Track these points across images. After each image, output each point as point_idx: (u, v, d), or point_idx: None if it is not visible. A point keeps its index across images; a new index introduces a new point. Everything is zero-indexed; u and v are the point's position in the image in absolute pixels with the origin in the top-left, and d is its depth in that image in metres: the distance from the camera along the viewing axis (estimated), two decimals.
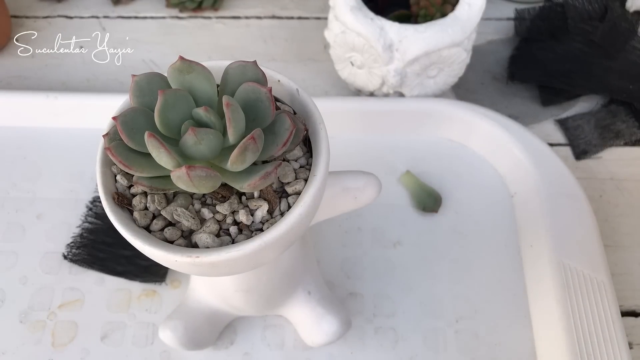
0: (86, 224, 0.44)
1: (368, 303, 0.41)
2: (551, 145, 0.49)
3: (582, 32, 0.52)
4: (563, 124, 0.50)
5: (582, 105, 0.52)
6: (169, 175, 0.22)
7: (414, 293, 0.42)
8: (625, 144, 0.49)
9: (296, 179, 0.24)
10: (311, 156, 0.25)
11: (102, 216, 0.44)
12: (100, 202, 0.44)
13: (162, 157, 0.21)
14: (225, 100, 0.21)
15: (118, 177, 0.24)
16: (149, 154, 0.22)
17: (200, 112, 0.22)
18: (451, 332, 0.40)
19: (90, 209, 0.44)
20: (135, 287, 0.41)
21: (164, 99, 0.21)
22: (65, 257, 0.42)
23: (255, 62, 0.24)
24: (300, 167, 0.25)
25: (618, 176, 0.48)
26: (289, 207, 0.24)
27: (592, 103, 0.52)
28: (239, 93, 0.23)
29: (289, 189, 0.24)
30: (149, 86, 0.23)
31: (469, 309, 0.41)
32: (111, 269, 0.42)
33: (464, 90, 0.52)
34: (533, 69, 0.52)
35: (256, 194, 0.24)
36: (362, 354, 0.39)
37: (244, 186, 0.22)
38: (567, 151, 0.49)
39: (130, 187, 0.24)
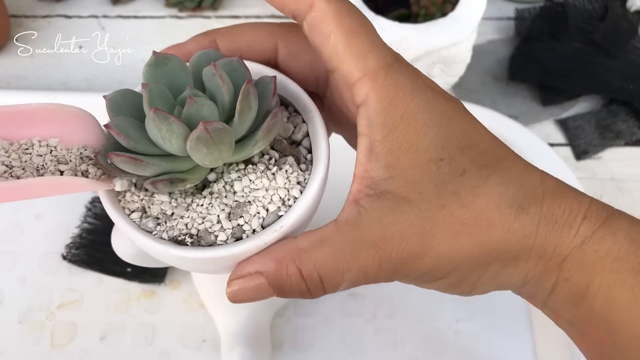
0: (85, 225, 0.43)
1: (368, 304, 0.41)
2: (552, 145, 0.49)
3: (582, 32, 0.52)
4: (563, 123, 0.50)
5: (583, 105, 0.52)
6: (180, 169, 0.22)
7: (414, 294, 0.41)
8: (626, 144, 0.49)
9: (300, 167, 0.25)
10: (309, 152, 0.25)
11: (101, 216, 0.44)
12: (99, 202, 0.44)
13: (173, 127, 0.21)
14: (213, 63, 0.22)
15: None
16: (146, 154, 0.22)
17: (187, 92, 0.22)
18: (451, 333, 0.40)
19: (90, 209, 0.44)
20: (134, 288, 0.41)
21: (149, 90, 0.21)
22: (64, 257, 0.42)
23: (213, 49, 0.25)
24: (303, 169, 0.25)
25: (618, 176, 0.48)
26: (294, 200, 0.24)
27: (593, 103, 0.52)
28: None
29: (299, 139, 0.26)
30: (124, 100, 0.23)
31: (469, 310, 0.41)
32: (110, 270, 0.41)
33: (464, 89, 0.52)
34: (533, 68, 0.52)
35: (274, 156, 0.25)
36: (362, 354, 0.39)
37: (258, 136, 0.22)
38: (568, 151, 0.49)
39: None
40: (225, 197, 0.24)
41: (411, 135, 0.21)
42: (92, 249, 0.42)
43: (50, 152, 0.22)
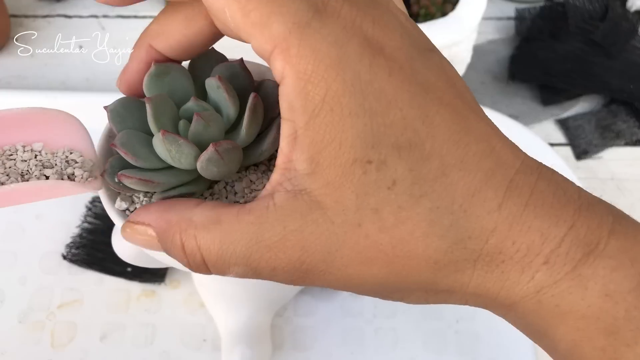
0: (85, 224, 0.43)
1: (368, 304, 0.41)
2: (552, 145, 0.49)
3: (582, 32, 0.52)
4: (564, 123, 0.50)
5: (583, 105, 0.52)
6: (189, 182, 0.22)
7: None
8: (626, 144, 0.49)
9: None
10: None
11: (101, 216, 0.44)
12: (99, 202, 0.44)
13: (183, 149, 0.21)
14: (217, 75, 0.21)
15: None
16: (152, 169, 0.22)
17: (192, 104, 0.22)
18: (451, 332, 0.40)
19: (90, 209, 0.44)
20: (134, 288, 0.41)
21: (154, 105, 0.21)
22: (64, 257, 0.42)
23: (213, 49, 0.24)
24: None
25: (619, 176, 0.48)
26: None
27: (593, 103, 0.52)
28: (214, 74, 0.23)
29: None
30: (126, 110, 0.23)
31: (469, 310, 0.41)
32: (110, 269, 0.41)
33: None
34: (534, 68, 0.52)
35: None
36: (361, 355, 0.39)
37: (264, 147, 0.22)
38: (568, 151, 0.49)
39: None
40: (226, 197, 0.24)
41: (334, 125, 0.17)
42: (92, 248, 0.42)
43: (35, 157, 0.22)
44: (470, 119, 0.18)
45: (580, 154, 0.49)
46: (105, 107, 0.23)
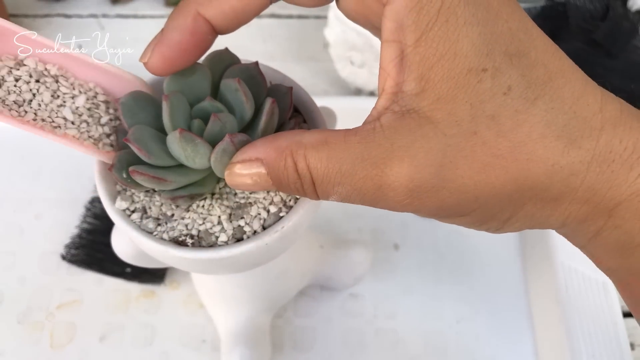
0: (84, 225, 0.43)
1: (368, 304, 0.41)
2: None
3: (583, 32, 0.52)
4: None
5: None
6: (198, 181, 0.22)
7: (415, 294, 0.41)
8: None
9: None
10: None
11: (100, 217, 0.44)
12: (98, 202, 0.43)
13: (199, 148, 0.21)
14: (237, 78, 0.22)
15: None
16: (165, 167, 0.22)
17: (206, 104, 0.22)
18: (452, 333, 0.40)
19: (89, 210, 0.44)
20: (133, 288, 0.41)
21: (171, 103, 0.21)
22: (63, 257, 0.42)
23: (227, 49, 0.24)
24: None
25: None
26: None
27: None
28: (230, 74, 0.23)
29: None
30: (138, 104, 0.23)
31: (469, 310, 0.41)
32: (109, 270, 0.41)
33: None
34: None
35: None
36: (362, 355, 0.39)
37: None
38: None
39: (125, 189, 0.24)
40: (226, 198, 0.23)
41: (449, 36, 0.17)
42: (92, 249, 0.42)
43: (92, 108, 0.23)
44: (546, 36, 0.19)
45: None
46: (117, 100, 0.23)
